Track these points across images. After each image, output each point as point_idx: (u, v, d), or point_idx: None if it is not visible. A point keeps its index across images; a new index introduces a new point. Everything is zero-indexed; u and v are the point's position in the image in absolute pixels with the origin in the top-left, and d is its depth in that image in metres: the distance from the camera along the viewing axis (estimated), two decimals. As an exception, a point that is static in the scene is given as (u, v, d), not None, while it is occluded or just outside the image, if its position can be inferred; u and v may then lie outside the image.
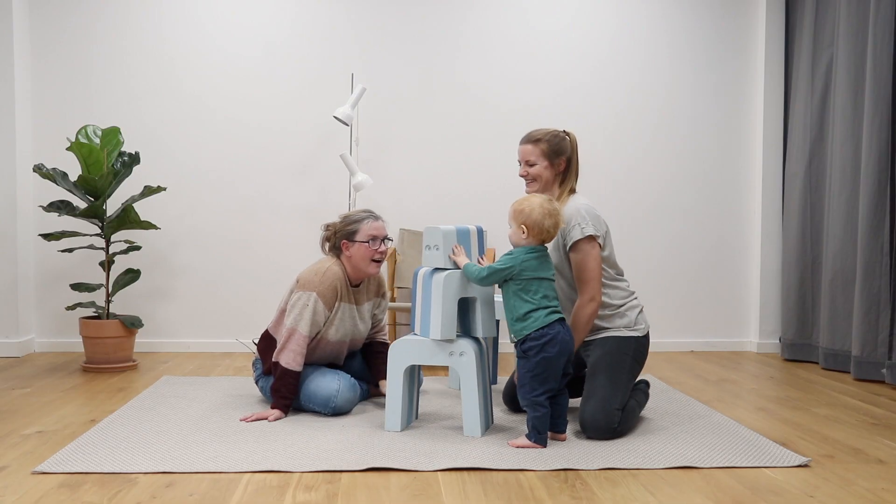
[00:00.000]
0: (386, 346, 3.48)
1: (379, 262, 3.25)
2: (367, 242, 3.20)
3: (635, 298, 3.10)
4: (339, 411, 3.15)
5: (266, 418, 3.07)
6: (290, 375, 3.11)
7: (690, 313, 5.04)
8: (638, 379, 3.16)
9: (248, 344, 4.60)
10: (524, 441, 2.73)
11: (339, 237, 3.27)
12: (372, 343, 3.53)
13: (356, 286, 3.32)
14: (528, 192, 3.08)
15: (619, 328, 3.02)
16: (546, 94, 4.96)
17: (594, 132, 4.98)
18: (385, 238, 3.26)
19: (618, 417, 2.85)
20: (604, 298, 3.01)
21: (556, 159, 3.06)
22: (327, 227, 3.35)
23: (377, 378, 3.45)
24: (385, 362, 3.28)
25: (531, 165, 3.06)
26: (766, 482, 2.41)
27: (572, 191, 3.09)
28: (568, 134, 3.13)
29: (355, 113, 4.66)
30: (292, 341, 3.13)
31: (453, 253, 2.90)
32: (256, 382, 3.39)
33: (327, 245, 3.34)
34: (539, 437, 2.72)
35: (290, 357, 3.12)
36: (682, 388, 3.79)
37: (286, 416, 3.13)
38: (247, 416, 3.07)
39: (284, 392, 3.11)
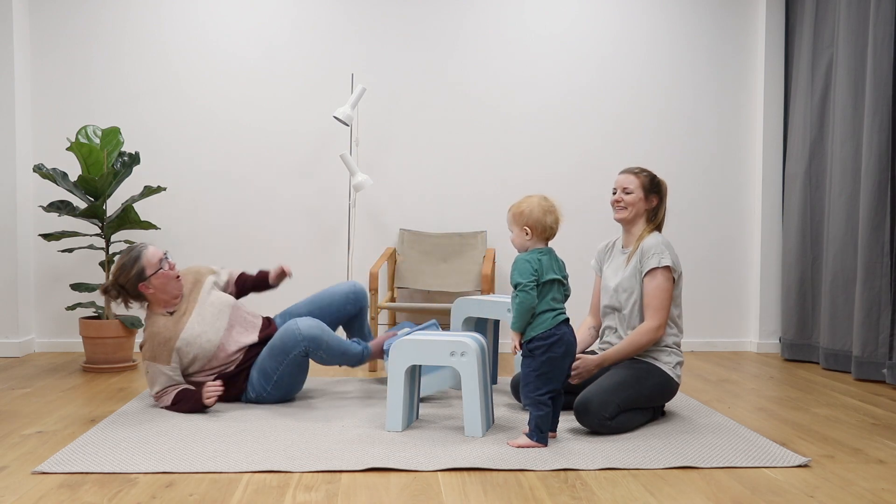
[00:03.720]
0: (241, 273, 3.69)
1: (179, 277, 3.34)
2: (160, 270, 3.28)
3: (680, 353, 3.16)
4: (315, 340, 3.23)
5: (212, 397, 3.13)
6: (180, 406, 3.18)
7: (690, 313, 5.03)
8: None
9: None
10: (525, 440, 2.73)
11: (131, 287, 3.30)
12: (238, 284, 3.65)
13: (175, 308, 3.36)
14: (616, 219, 3.21)
15: (654, 359, 3.09)
16: (547, 95, 4.96)
17: (594, 133, 4.98)
18: (165, 255, 3.34)
19: (612, 410, 2.87)
20: None
21: (650, 195, 3.19)
22: (106, 290, 3.37)
23: (267, 277, 3.66)
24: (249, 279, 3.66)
25: (628, 193, 3.17)
26: (766, 482, 2.41)
27: (658, 228, 3.22)
28: (661, 181, 3.27)
29: (355, 113, 4.66)
30: (161, 402, 3.23)
31: (514, 348, 2.83)
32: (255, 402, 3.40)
33: (117, 302, 3.37)
34: (541, 435, 2.73)
35: (167, 402, 3.22)
36: (682, 388, 3.79)
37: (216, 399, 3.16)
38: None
39: (189, 408, 3.17)
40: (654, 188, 3.19)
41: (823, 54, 4.58)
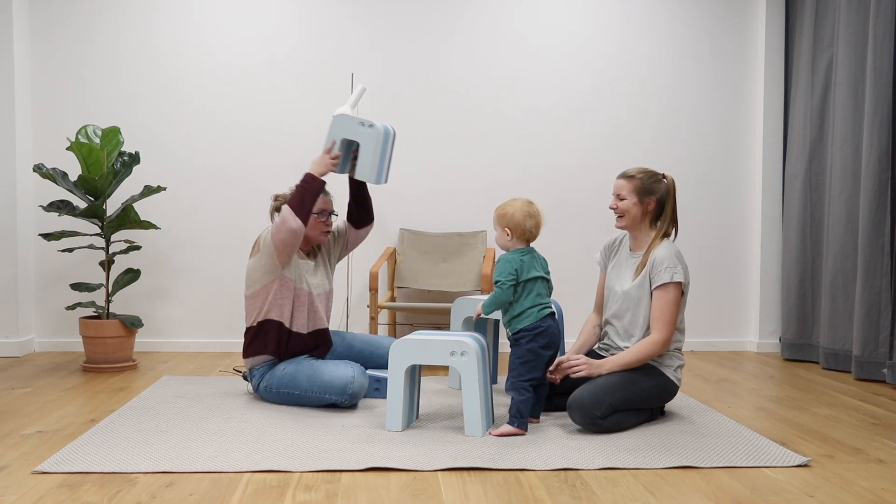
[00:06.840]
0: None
1: (329, 232, 3.51)
2: (317, 214, 3.43)
3: (682, 356, 3.15)
4: (355, 397, 3.23)
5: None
6: (293, 202, 3.25)
7: (690, 313, 5.02)
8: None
9: (239, 370, 4.30)
10: (506, 428, 2.82)
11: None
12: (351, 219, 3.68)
13: (306, 254, 3.51)
14: (617, 227, 3.16)
15: (656, 361, 3.07)
16: (547, 96, 4.96)
17: (594, 133, 4.98)
18: (332, 212, 3.49)
19: (604, 409, 2.88)
20: None
21: (645, 197, 3.08)
22: (277, 197, 3.52)
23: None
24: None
25: (621, 199, 3.11)
26: (766, 482, 2.41)
27: (666, 234, 3.12)
28: (665, 177, 3.14)
29: (355, 113, 4.65)
30: (283, 223, 3.23)
31: (475, 314, 3.11)
32: (256, 390, 3.40)
33: (277, 216, 3.43)
34: (521, 421, 2.83)
35: (289, 214, 3.24)
36: (682, 388, 3.79)
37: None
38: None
39: (302, 194, 3.27)
40: (648, 191, 3.07)
41: (823, 54, 4.58)
